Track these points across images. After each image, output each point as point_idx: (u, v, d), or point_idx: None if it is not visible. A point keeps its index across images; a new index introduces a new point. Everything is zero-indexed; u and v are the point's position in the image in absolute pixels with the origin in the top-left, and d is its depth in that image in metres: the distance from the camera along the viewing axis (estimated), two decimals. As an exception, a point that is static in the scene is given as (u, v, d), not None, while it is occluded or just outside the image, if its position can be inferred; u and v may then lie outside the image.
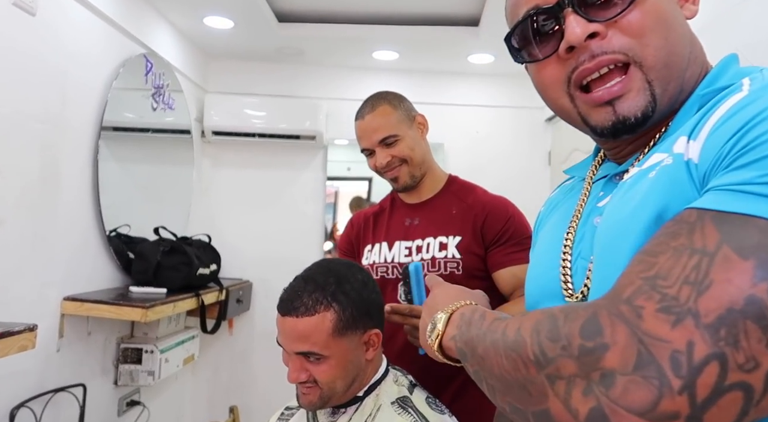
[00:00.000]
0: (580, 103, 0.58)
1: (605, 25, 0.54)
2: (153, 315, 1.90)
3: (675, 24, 0.56)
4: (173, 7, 2.44)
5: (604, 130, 0.57)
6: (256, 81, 3.18)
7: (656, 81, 0.54)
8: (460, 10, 2.60)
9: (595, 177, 0.68)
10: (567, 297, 0.60)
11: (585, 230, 0.61)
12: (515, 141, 3.22)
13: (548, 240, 0.70)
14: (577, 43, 0.55)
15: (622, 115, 0.55)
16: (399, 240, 1.43)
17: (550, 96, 0.61)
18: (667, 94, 0.55)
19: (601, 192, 0.63)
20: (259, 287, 3.09)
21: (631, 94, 0.55)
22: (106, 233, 2.10)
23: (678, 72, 0.56)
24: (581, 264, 0.60)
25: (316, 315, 1.06)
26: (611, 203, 0.57)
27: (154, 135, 2.59)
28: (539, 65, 0.60)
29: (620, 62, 0.54)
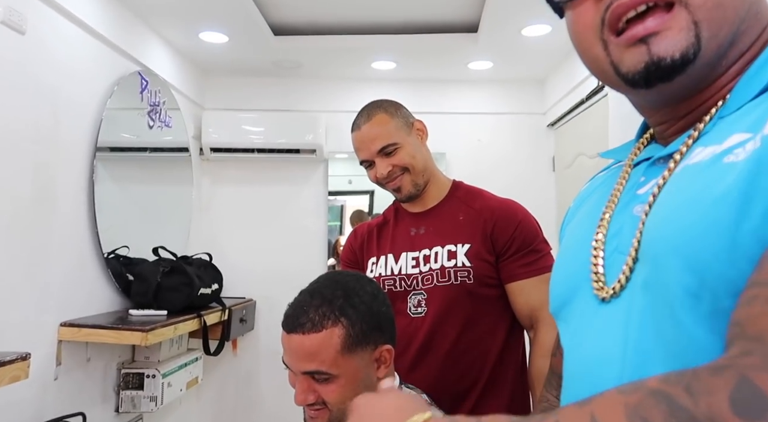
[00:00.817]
0: (613, 48, 0.49)
1: None
2: (153, 339, 1.84)
3: None
4: (167, 24, 2.41)
5: (635, 74, 0.48)
6: (253, 96, 3.14)
7: (705, 22, 0.46)
8: (458, 16, 2.57)
9: (636, 159, 0.60)
10: (597, 290, 0.53)
11: (623, 221, 0.54)
12: (518, 147, 3.17)
13: (578, 234, 0.62)
14: None
15: (657, 55, 0.46)
16: (405, 251, 1.37)
17: (583, 45, 0.53)
18: (716, 40, 0.47)
19: (642, 177, 0.55)
20: (262, 305, 3.03)
21: (670, 32, 0.46)
22: (103, 255, 2.05)
23: (733, 16, 0.47)
24: (617, 259, 0.52)
25: (323, 331, 1.00)
26: (670, 190, 0.48)
27: (151, 154, 2.55)
28: (574, 10, 0.52)
29: (663, 2, 0.46)
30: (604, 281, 0.53)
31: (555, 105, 2.99)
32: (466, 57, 2.83)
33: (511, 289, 1.28)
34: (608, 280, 0.52)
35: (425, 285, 1.31)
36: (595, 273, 0.54)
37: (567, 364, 0.58)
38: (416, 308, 1.31)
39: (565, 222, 0.74)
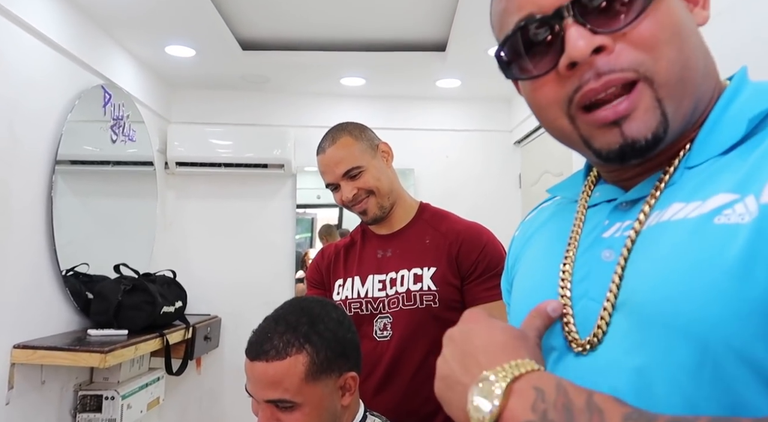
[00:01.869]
0: (581, 124, 0.50)
1: (612, 37, 0.47)
2: (113, 360, 1.78)
3: (690, 34, 0.50)
4: (133, 37, 2.37)
5: (610, 153, 0.50)
6: (220, 110, 3.11)
7: (668, 98, 0.48)
8: (427, 35, 2.59)
9: (591, 201, 0.60)
10: (570, 341, 0.52)
11: (590, 266, 0.53)
12: (485, 164, 3.21)
13: (539, 274, 0.61)
14: (581, 58, 0.47)
15: (631, 137, 0.48)
16: (372, 274, 1.36)
17: (546, 117, 0.54)
18: (680, 112, 0.49)
19: (606, 220, 0.55)
20: (228, 322, 2.97)
21: (638, 112, 0.48)
22: (61, 272, 1.98)
23: (692, 87, 0.49)
24: (588, 306, 0.52)
25: (287, 358, 0.98)
26: (652, 245, 0.48)
27: (114, 168, 2.49)
28: (534, 83, 0.52)
29: (630, 80, 0.47)
30: (576, 331, 0.52)
31: (521, 123, 3.04)
32: (434, 75, 2.86)
33: None
34: (580, 329, 0.52)
35: (391, 308, 1.30)
36: (566, 324, 0.53)
37: None
38: (382, 332, 1.31)
39: (513, 250, 0.73)
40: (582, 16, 0.48)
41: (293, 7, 2.29)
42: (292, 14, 2.37)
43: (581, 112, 0.50)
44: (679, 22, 0.49)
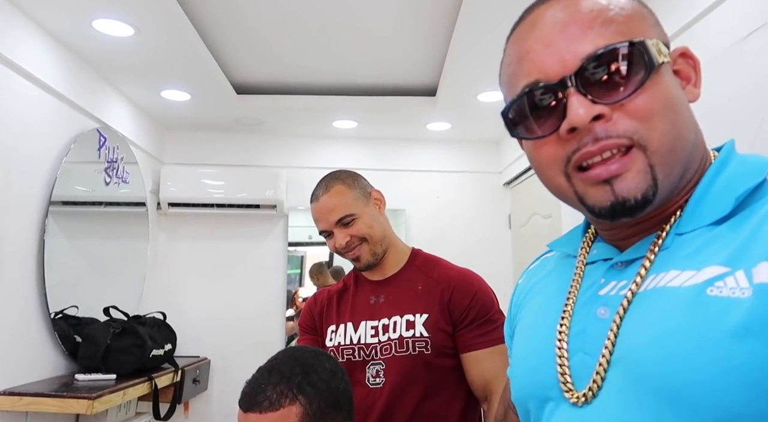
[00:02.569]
0: (577, 181, 0.54)
1: (610, 107, 0.51)
2: (100, 406, 1.76)
3: (682, 108, 0.54)
4: (129, 81, 2.42)
5: (602, 210, 0.53)
6: (214, 151, 3.14)
7: (659, 165, 0.52)
8: (418, 80, 2.67)
9: (589, 258, 0.63)
10: (566, 392, 0.55)
11: (587, 322, 0.56)
12: (476, 205, 3.25)
13: (539, 327, 0.63)
14: (581, 125, 0.51)
15: (622, 196, 0.52)
16: (365, 320, 1.36)
17: (545, 174, 0.57)
18: (669, 179, 0.53)
19: (602, 278, 0.58)
20: (217, 364, 2.94)
21: (630, 173, 0.51)
22: (50, 316, 1.97)
23: (682, 157, 0.53)
24: (583, 360, 0.54)
25: (281, 409, 0.98)
26: (647, 308, 0.51)
27: (106, 209, 2.50)
28: (537, 143, 0.56)
29: (624, 147, 0.51)
30: (572, 383, 0.55)
31: (510, 165, 3.10)
32: (425, 118, 2.93)
33: (466, 359, 1.29)
34: (576, 381, 0.54)
35: (384, 355, 1.30)
36: (562, 375, 0.55)
37: None
38: (374, 378, 1.31)
39: (516, 298, 0.76)
40: (584, 86, 0.52)
41: (287, 52, 2.36)
42: (286, 59, 2.43)
43: (577, 172, 0.54)
44: (673, 97, 0.53)
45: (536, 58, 0.54)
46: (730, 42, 1.45)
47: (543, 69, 0.54)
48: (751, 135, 1.38)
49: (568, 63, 0.52)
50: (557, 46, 0.53)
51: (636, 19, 0.55)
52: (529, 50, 0.55)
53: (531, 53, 0.55)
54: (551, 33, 0.54)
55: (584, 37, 0.52)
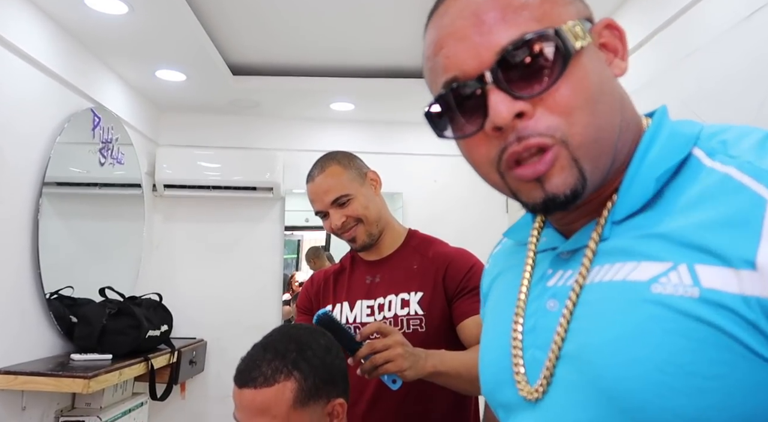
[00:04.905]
0: (510, 179, 0.54)
1: (531, 102, 0.50)
2: (96, 386, 1.76)
3: (604, 93, 0.52)
4: (123, 61, 2.39)
5: (536, 206, 0.53)
6: (210, 133, 3.12)
7: (583, 158, 0.51)
8: (415, 62, 2.65)
9: (539, 246, 0.63)
10: (520, 390, 0.55)
11: (537, 316, 0.57)
12: (473, 189, 3.23)
13: (496, 319, 0.64)
14: (503, 124, 0.50)
15: (552, 192, 0.51)
16: (360, 299, 1.37)
17: (481, 172, 0.57)
18: (599, 168, 0.52)
19: (549, 269, 0.58)
20: (213, 346, 2.94)
21: (555, 169, 0.51)
22: (45, 296, 1.96)
23: (609, 145, 0.52)
24: (535, 355, 0.55)
25: (275, 385, 0.98)
26: (593, 304, 0.51)
27: (101, 190, 2.48)
28: (467, 142, 0.55)
29: (546, 146, 0.50)
30: (526, 380, 0.55)
31: (508, 149, 3.09)
32: (421, 101, 2.88)
33: (463, 329, 1.29)
34: (530, 377, 0.55)
35: (379, 334, 1.31)
36: (516, 372, 0.56)
37: None
38: None
39: (484, 283, 0.76)
40: (503, 81, 0.50)
41: (284, 33, 2.33)
42: (283, 40, 2.40)
43: (509, 170, 0.53)
44: (593, 83, 0.51)
45: (451, 54, 0.53)
46: (730, 23, 1.43)
47: (459, 65, 0.52)
48: (751, 116, 1.38)
49: (484, 57, 0.50)
50: (470, 40, 0.51)
51: (552, 1, 0.52)
52: (443, 45, 0.54)
53: (445, 49, 0.53)
54: (463, 26, 0.52)
55: (497, 28, 0.50)
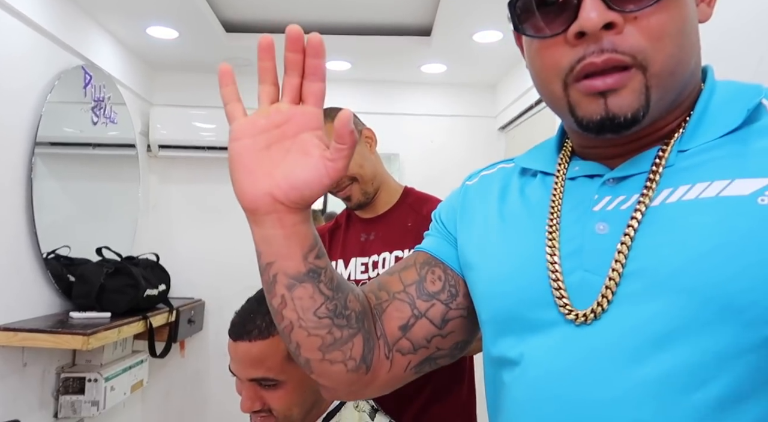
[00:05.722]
0: (572, 91, 0.53)
1: (624, 17, 0.49)
2: (96, 342, 1.78)
3: (691, 32, 0.53)
4: (113, 17, 2.33)
5: (590, 123, 0.52)
6: (204, 93, 3.07)
7: (656, 87, 0.51)
8: (412, 20, 2.59)
9: (570, 174, 0.61)
10: (566, 315, 0.53)
11: (583, 239, 0.55)
12: (470, 150, 3.23)
13: (517, 245, 0.60)
14: (591, 30, 0.49)
15: (612, 111, 0.51)
16: (355, 257, 1.38)
17: (542, 78, 0.55)
18: (663, 102, 0.52)
19: (595, 195, 0.56)
20: (212, 305, 2.98)
21: (625, 91, 0.50)
22: (42, 256, 1.97)
23: (680, 82, 0.53)
24: (584, 278, 0.53)
25: (270, 337, 1.00)
26: (682, 224, 0.49)
27: (95, 150, 2.46)
28: (541, 43, 0.54)
29: (626, 65, 0.50)
30: (571, 303, 0.53)
31: (506, 109, 3.05)
32: (419, 60, 2.86)
33: None
34: (574, 301, 0.53)
35: (373, 290, 1.32)
36: (559, 296, 0.54)
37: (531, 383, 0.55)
38: None
39: (464, 199, 0.71)
40: None
41: (277, -12, 2.27)
42: (277, -4, 2.34)
43: (575, 82, 0.52)
44: (687, 19, 0.51)
45: None
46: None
47: None
48: (750, 71, 1.36)
49: None
50: None
51: None
52: None
53: None
54: None
55: None
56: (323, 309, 0.60)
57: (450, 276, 0.69)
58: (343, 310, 0.61)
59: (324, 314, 0.60)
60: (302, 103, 0.58)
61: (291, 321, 0.60)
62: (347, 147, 0.54)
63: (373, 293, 0.69)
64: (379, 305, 0.68)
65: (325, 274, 0.60)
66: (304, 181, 0.55)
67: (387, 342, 0.67)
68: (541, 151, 0.67)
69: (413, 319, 0.67)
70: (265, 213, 0.57)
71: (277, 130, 0.57)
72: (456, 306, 0.68)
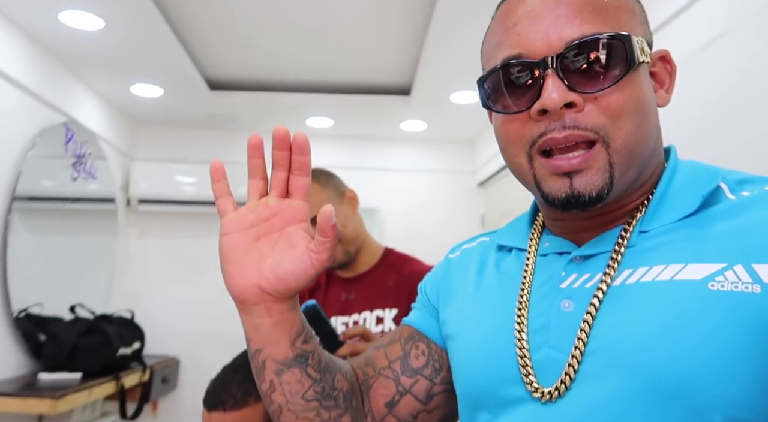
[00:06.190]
0: (538, 166, 0.55)
1: (584, 97, 0.52)
2: (64, 406, 1.72)
3: (650, 112, 0.55)
4: (98, 75, 2.37)
5: (556, 199, 0.54)
6: (187, 147, 3.10)
7: (618, 164, 0.53)
8: (392, 79, 2.67)
9: (540, 251, 0.62)
10: (533, 392, 0.53)
11: (550, 315, 0.56)
12: (450, 205, 3.27)
13: (490, 319, 0.61)
14: (552, 109, 0.52)
15: (578, 190, 0.53)
16: (336, 316, 1.37)
17: (509, 151, 0.58)
18: (624, 179, 0.54)
19: (563, 271, 0.58)
20: (187, 363, 2.90)
21: (591, 171, 0.52)
22: (13, 315, 1.92)
23: (641, 160, 0.55)
24: (549, 355, 0.54)
25: (245, 408, 0.98)
26: (631, 302, 0.51)
27: (74, 205, 2.45)
28: (506, 118, 0.57)
29: (590, 140, 0.52)
30: (535, 378, 0.54)
31: (484, 165, 3.12)
32: (399, 117, 2.93)
33: None
34: (540, 378, 0.54)
35: (353, 351, 1.31)
36: (525, 373, 0.54)
37: None
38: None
39: (448, 272, 0.72)
40: (563, 71, 0.52)
41: (261, 48, 2.34)
42: (261, 56, 2.41)
43: (540, 155, 0.54)
44: (644, 100, 0.54)
45: (522, 33, 0.54)
46: (690, 50, 1.48)
47: (527, 45, 0.54)
48: (710, 140, 1.42)
49: (553, 44, 0.53)
50: (545, 24, 0.53)
51: (626, 12, 0.55)
52: (516, 23, 0.55)
53: (518, 26, 0.55)
54: (542, 11, 0.54)
55: (573, 22, 0.53)
56: (311, 392, 0.61)
57: (434, 350, 0.70)
58: (330, 391, 0.63)
59: (312, 397, 0.61)
60: (289, 196, 0.60)
61: (280, 404, 0.61)
62: (330, 240, 0.57)
63: (361, 369, 0.71)
64: (366, 381, 0.69)
65: (313, 358, 0.62)
66: (291, 273, 0.57)
67: (374, 419, 0.68)
68: (516, 227, 0.69)
69: (398, 396, 0.68)
70: (253, 303, 0.59)
71: (265, 224, 0.59)
72: (440, 381, 0.69)
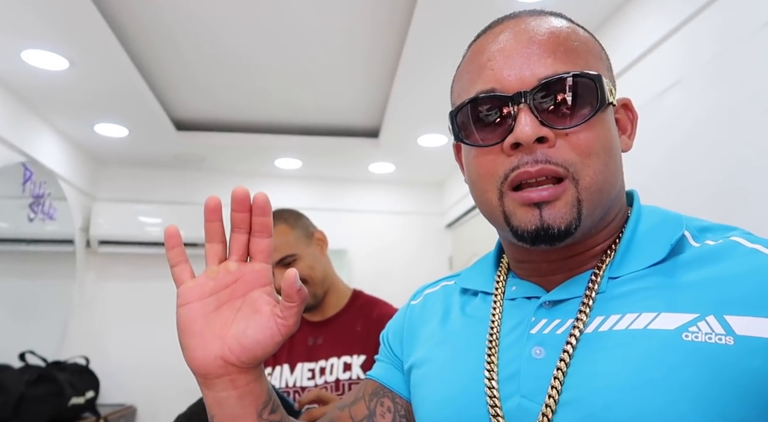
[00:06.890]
0: (508, 201, 0.55)
1: (555, 133, 0.53)
2: (8, 463, 1.60)
3: (616, 154, 0.56)
4: (60, 115, 2.32)
5: (525, 232, 0.54)
6: (151, 187, 3.05)
7: (586, 202, 0.53)
8: (360, 122, 2.70)
9: (508, 295, 0.62)
10: None
11: (521, 363, 0.55)
12: (418, 246, 3.27)
13: (456, 367, 0.60)
14: (525, 142, 0.52)
15: (547, 222, 0.53)
16: (302, 362, 1.32)
17: (479, 187, 0.57)
18: (591, 217, 0.54)
19: (532, 317, 0.57)
20: (144, 411, 2.76)
21: (559, 203, 0.53)
22: (-44, 363, 1.80)
23: (607, 200, 0.55)
24: (521, 405, 0.53)
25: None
26: (604, 351, 0.51)
27: (29, 247, 2.35)
28: (478, 151, 0.57)
29: (560, 175, 0.53)
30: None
31: (452, 206, 3.15)
32: (367, 159, 2.95)
33: None
34: None
35: (319, 398, 1.26)
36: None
37: None
38: None
39: (411, 319, 0.71)
40: (536, 106, 0.53)
41: (229, 90, 2.34)
42: (228, 97, 2.41)
43: (510, 191, 0.54)
44: (611, 141, 0.56)
45: (496, 68, 0.55)
46: (648, 98, 1.55)
47: (501, 80, 0.54)
48: (664, 183, 1.47)
49: (526, 80, 0.53)
50: (518, 61, 0.54)
51: (595, 56, 0.57)
52: (490, 58, 0.56)
53: (491, 62, 0.56)
54: (516, 48, 0.55)
55: (545, 60, 0.54)
56: None
57: (399, 405, 0.68)
58: None
59: None
60: (250, 259, 0.57)
61: None
62: (297, 305, 0.54)
63: None
64: None
65: None
66: (257, 341, 0.53)
67: None
68: (480, 269, 0.68)
69: None
70: (216, 376, 0.55)
71: (226, 291, 0.56)
72: None
